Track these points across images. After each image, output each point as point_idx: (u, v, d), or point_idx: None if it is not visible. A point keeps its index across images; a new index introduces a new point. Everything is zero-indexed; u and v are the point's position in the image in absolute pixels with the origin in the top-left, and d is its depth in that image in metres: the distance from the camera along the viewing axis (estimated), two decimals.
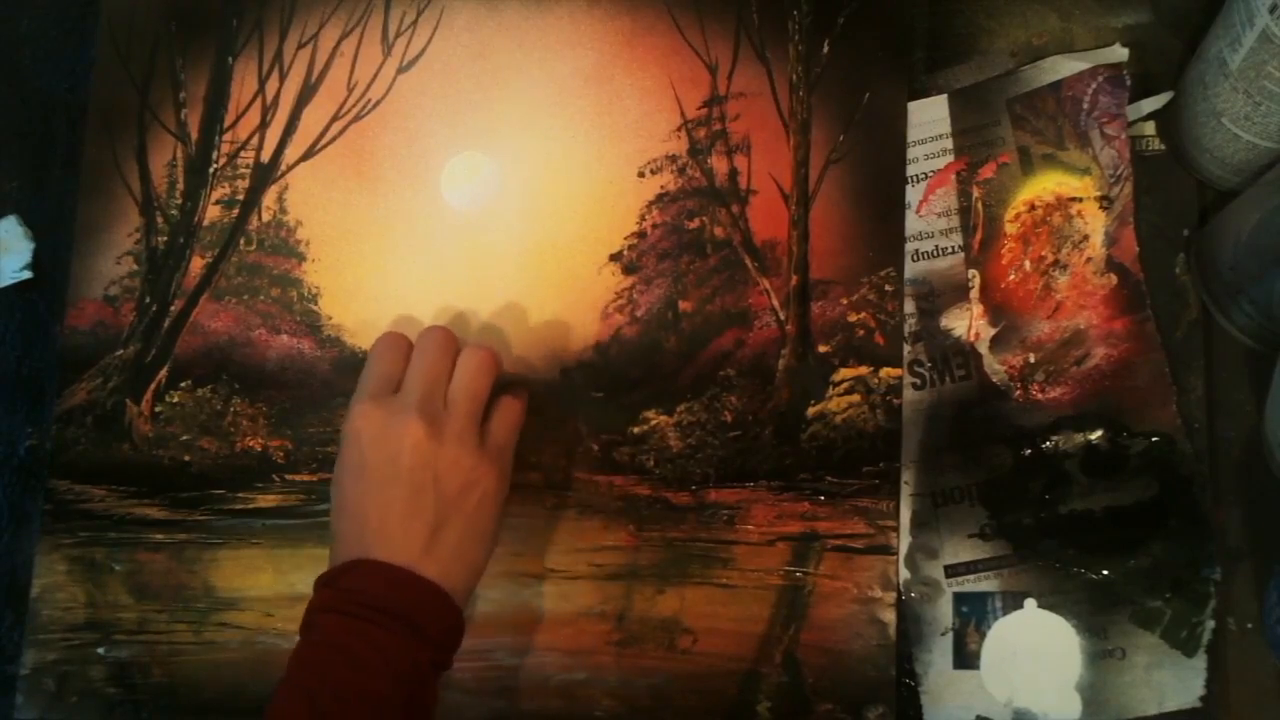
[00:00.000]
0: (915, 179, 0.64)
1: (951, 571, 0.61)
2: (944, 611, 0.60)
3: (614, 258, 0.65)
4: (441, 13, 0.67)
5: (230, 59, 0.68)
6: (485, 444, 0.56)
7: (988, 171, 0.63)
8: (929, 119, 0.64)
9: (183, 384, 0.66)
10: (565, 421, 0.64)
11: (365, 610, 0.51)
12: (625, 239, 0.65)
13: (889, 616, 0.60)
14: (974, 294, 0.63)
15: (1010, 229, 0.63)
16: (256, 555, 0.64)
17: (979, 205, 0.63)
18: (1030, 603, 0.60)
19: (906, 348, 0.63)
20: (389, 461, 0.54)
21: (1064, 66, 0.63)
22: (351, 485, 0.55)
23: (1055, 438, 0.61)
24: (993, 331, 0.62)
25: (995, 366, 0.62)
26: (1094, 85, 0.63)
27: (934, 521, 0.61)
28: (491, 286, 0.65)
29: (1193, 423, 0.60)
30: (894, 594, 0.60)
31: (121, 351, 0.66)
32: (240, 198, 0.67)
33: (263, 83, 0.68)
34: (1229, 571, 0.59)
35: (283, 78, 0.68)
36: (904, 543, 0.61)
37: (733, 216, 0.65)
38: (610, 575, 0.62)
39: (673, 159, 0.65)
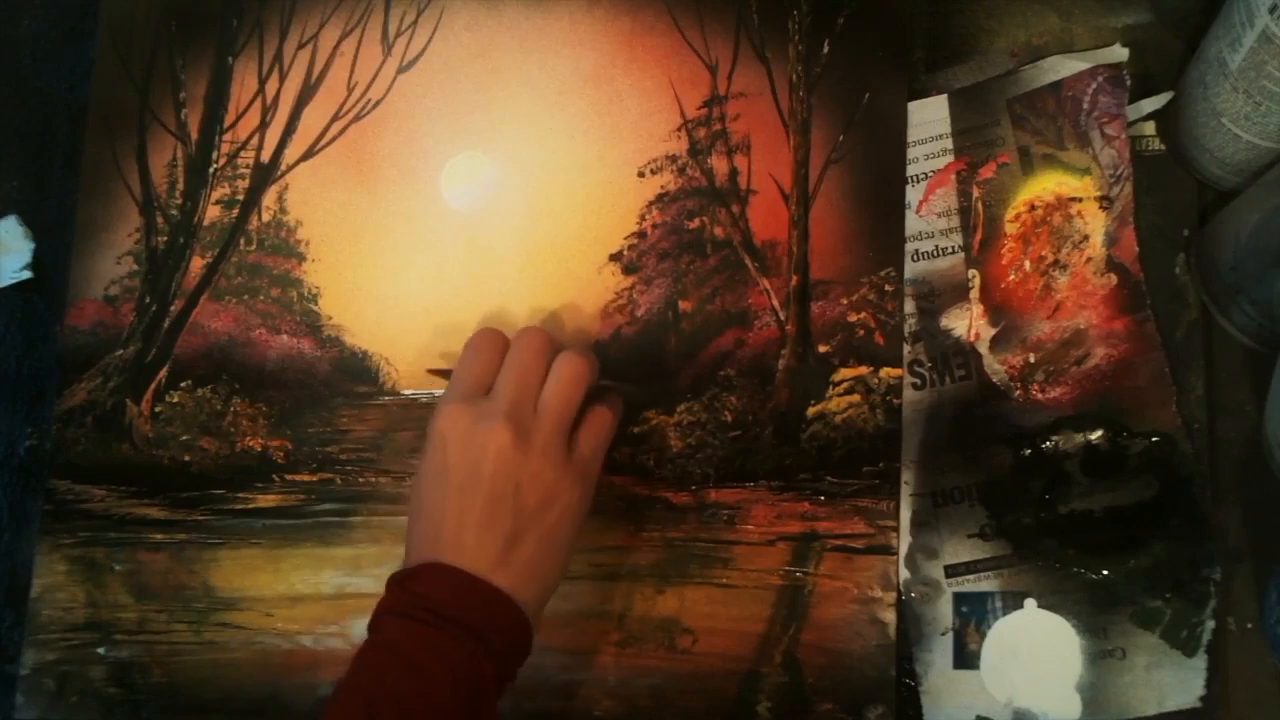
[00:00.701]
0: (915, 179, 0.64)
1: (951, 571, 0.61)
2: (944, 611, 0.60)
3: (614, 258, 0.65)
4: (441, 13, 0.67)
5: (230, 59, 0.68)
6: (572, 456, 0.55)
7: (988, 171, 0.63)
8: (929, 119, 0.64)
9: (183, 384, 0.66)
10: None
11: (432, 616, 0.50)
12: (625, 239, 0.65)
13: (889, 616, 0.60)
14: (974, 294, 0.63)
15: (1010, 229, 0.63)
16: (256, 555, 0.64)
17: (979, 205, 0.63)
18: (1030, 603, 0.60)
19: (906, 348, 0.63)
20: (472, 467, 0.53)
21: (1064, 66, 0.63)
22: (431, 487, 0.54)
23: (1055, 438, 0.61)
24: (993, 331, 0.62)
25: (995, 366, 0.62)
26: (1094, 85, 0.63)
27: (934, 521, 0.61)
28: (491, 286, 0.65)
29: (1193, 423, 0.60)
30: (894, 594, 0.60)
31: (121, 351, 0.66)
32: (240, 198, 0.67)
33: (263, 83, 0.68)
34: (1229, 571, 0.59)
35: (283, 78, 0.68)
36: (904, 543, 0.61)
37: (733, 216, 0.65)
38: (610, 575, 0.62)
39: (673, 159, 0.65)
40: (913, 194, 0.64)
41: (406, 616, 0.51)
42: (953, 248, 0.63)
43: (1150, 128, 0.63)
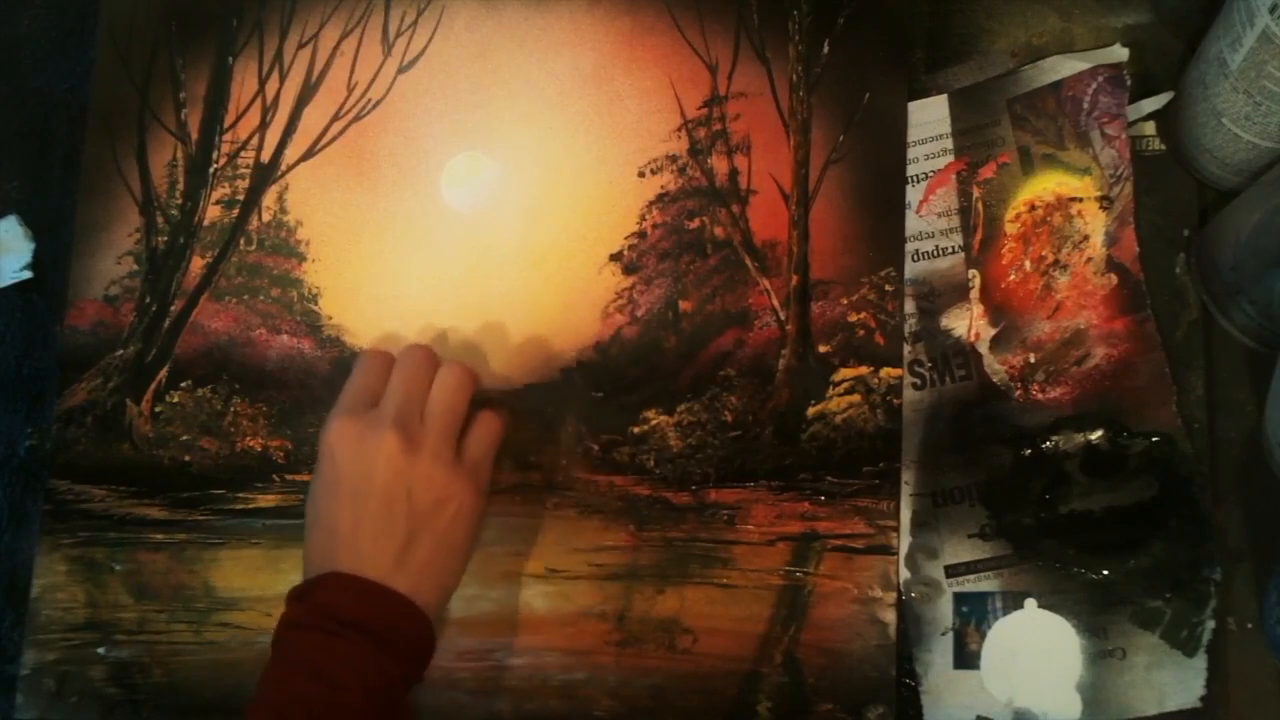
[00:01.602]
0: (915, 179, 0.64)
1: (951, 571, 0.61)
2: (944, 611, 0.60)
3: (614, 258, 0.65)
4: (441, 13, 0.67)
5: (230, 59, 0.68)
6: (461, 460, 0.56)
7: (988, 171, 0.63)
8: (929, 119, 0.64)
9: (183, 384, 0.66)
10: (565, 421, 0.64)
11: (334, 625, 0.51)
12: (625, 239, 0.65)
13: (889, 616, 0.60)
14: (974, 294, 0.63)
15: (1010, 229, 0.63)
16: (256, 555, 0.64)
17: (979, 205, 0.63)
18: (1030, 603, 0.60)
19: (906, 348, 0.63)
20: (362, 475, 0.54)
21: (1064, 66, 0.63)
22: (324, 498, 0.55)
23: (1055, 438, 0.61)
24: (993, 331, 0.62)
25: (995, 366, 0.62)
26: (1094, 85, 0.63)
27: (934, 521, 0.61)
28: (491, 286, 0.65)
29: (1193, 423, 0.60)
30: (894, 594, 0.60)
31: (121, 351, 0.66)
32: (240, 198, 0.67)
33: (263, 83, 0.68)
34: (1229, 571, 0.59)
35: (283, 78, 0.68)
36: (904, 543, 0.61)
37: (733, 216, 0.65)
38: (610, 575, 0.62)
39: (673, 159, 0.65)
40: (913, 194, 0.64)
41: (309, 628, 0.52)
42: (953, 248, 0.63)
43: (1150, 128, 0.63)
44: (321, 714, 0.50)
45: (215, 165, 0.68)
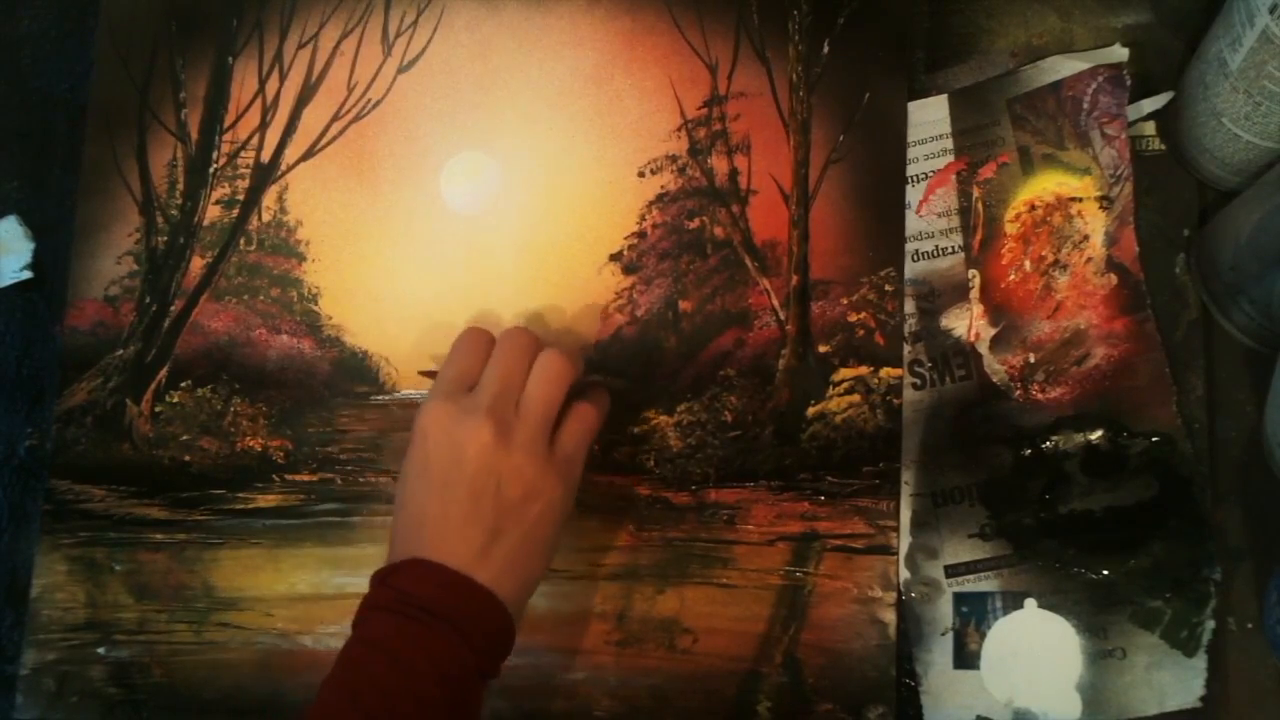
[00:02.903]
0: (915, 179, 0.64)
1: (951, 571, 0.61)
2: (944, 611, 0.60)
3: (614, 258, 0.65)
4: (441, 13, 0.67)
5: (230, 59, 0.68)
6: (554, 453, 0.55)
7: (988, 171, 0.63)
8: (929, 119, 0.64)
9: (183, 384, 0.66)
10: None
11: (414, 610, 0.51)
12: (625, 239, 0.65)
13: (889, 616, 0.60)
14: (974, 294, 0.63)
15: (1010, 229, 0.63)
16: (256, 555, 0.64)
17: (979, 205, 0.63)
18: (1030, 603, 0.60)
19: (906, 348, 0.63)
20: (453, 464, 0.53)
21: (1064, 66, 0.63)
22: (414, 483, 0.54)
23: (1055, 438, 0.61)
24: (993, 331, 0.62)
25: (995, 366, 0.62)
26: (1094, 85, 0.63)
27: (934, 521, 0.61)
28: (491, 286, 0.65)
29: (1193, 423, 0.60)
30: (894, 594, 0.60)
31: (121, 351, 0.66)
32: (240, 198, 0.67)
33: (263, 83, 0.68)
34: (1229, 571, 0.59)
35: (283, 78, 0.68)
36: (904, 543, 0.61)
37: (733, 216, 0.65)
38: (610, 575, 0.62)
39: (673, 159, 0.65)
40: (913, 194, 0.64)
41: (390, 611, 0.51)
42: (953, 248, 0.63)
43: (1150, 128, 0.63)
44: (394, 697, 0.49)
45: (215, 165, 0.68)
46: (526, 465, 0.54)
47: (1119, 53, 0.63)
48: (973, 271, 0.63)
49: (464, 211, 0.66)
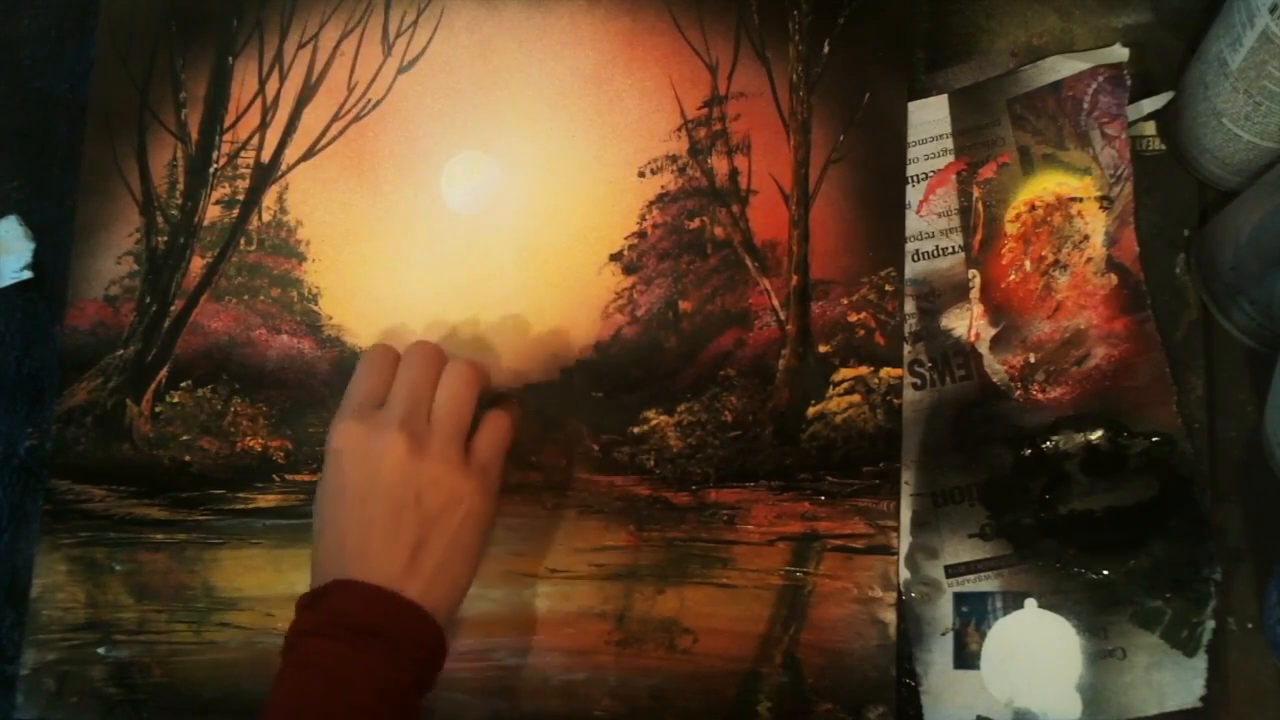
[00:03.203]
0: (915, 179, 0.64)
1: (952, 571, 0.61)
2: (944, 611, 0.60)
3: (614, 258, 0.65)
4: (442, 13, 0.67)
5: (230, 59, 0.68)
6: (470, 461, 0.55)
7: (988, 171, 0.63)
8: (929, 119, 0.64)
9: (183, 384, 0.66)
10: (565, 421, 0.64)
11: (345, 632, 0.51)
12: (625, 239, 0.65)
13: (889, 616, 0.60)
14: (974, 294, 0.63)
15: (1010, 229, 0.63)
16: (256, 555, 0.64)
17: (979, 205, 0.63)
18: (1030, 603, 0.60)
19: (907, 348, 0.63)
20: (369, 479, 0.53)
21: (1064, 66, 0.63)
22: (331, 504, 0.54)
23: (1055, 438, 0.61)
24: (993, 331, 0.62)
25: (995, 366, 0.62)
26: (1094, 85, 0.63)
27: (934, 521, 0.61)
28: (491, 286, 0.65)
29: (1193, 423, 0.60)
30: (894, 594, 0.60)
31: (121, 351, 0.66)
32: (240, 198, 0.67)
33: (263, 83, 0.68)
34: (1229, 571, 0.59)
35: (283, 78, 0.68)
36: (904, 543, 0.61)
37: (733, 216, 0.65)
38: (610, 575, 0.62)
39: (673, 159, 0.65)
40: (913, 194, 0.64)
41: (320, 635, 0.51)
42: (953, 248, 0.63)
43: (1150, 128, 0.63)
44: (337, 718, 0.50)
45: (215, 165, 0.68)
46: (444, 474, 0.54)
47: (1119, 53, 0.63)
48: (973, 271, 0.63)
49: (464, 211, 0.66)
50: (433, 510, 0.53)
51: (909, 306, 0.63)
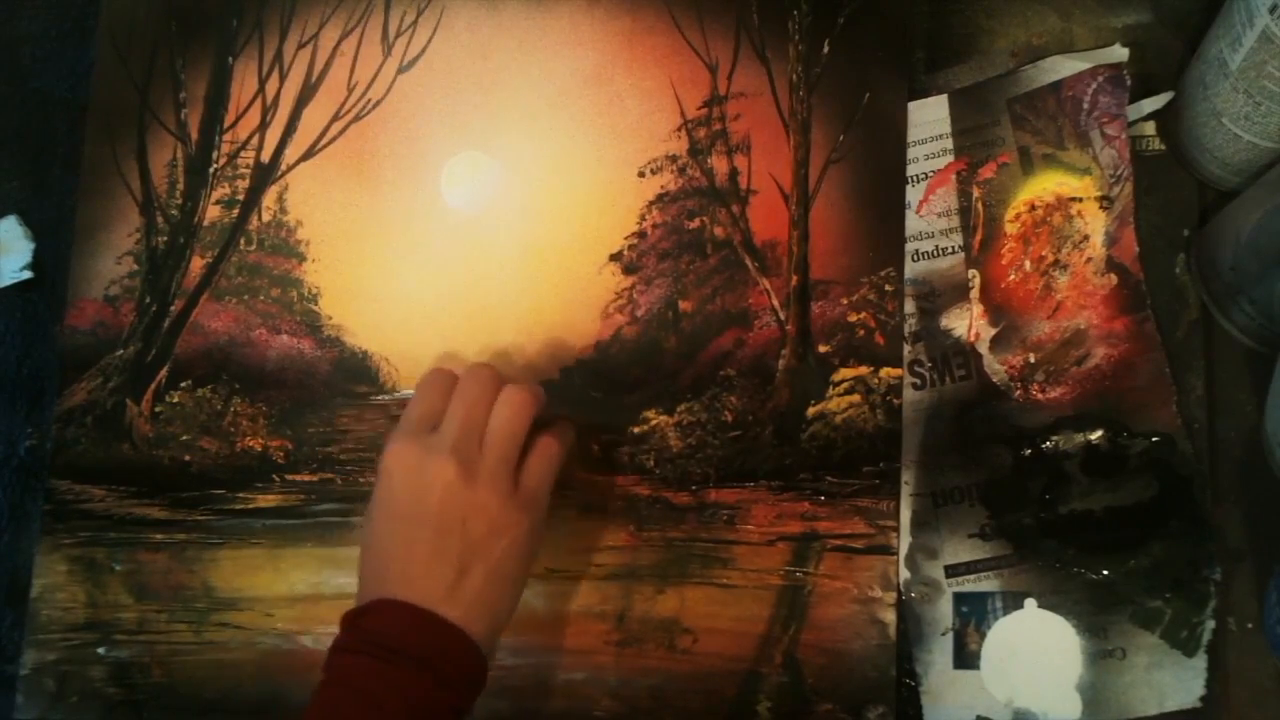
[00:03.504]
0: (915, 179, 0.64)
1: (951, 571, 0.61)
2: (944, 611, 0.60)
3: (614, 258, 0.65)
4: (441, 13, 0.67)
5: (230, 59, 0.68)
6: (518, 488, 0.55)
7: (988, 171, 0.63)
8: (929, 119, 0.64)
9: (183, 384, 0.66)
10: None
11: (385, 652, 0.51)
12: (625, 239, 0.65)
13: (889, 616, 0.60)
14: (974, 294, 0.63)
15: (1010, 229, 0.63)
16: (256, 555, 0.64)
17: (979, 205, 0.63)
18: (1030, 603, 0.60)
19: (906, 348, 0.63)
20: (418, 502, 0.53)
21: (1064, 66, 0.63)
22: (379, 523, 0.54)
23: (1055, 438, 0.61)
24: (993, 331, 0.62)
25: (995, 366, 0.62)
26: (1094, 85, 0.63)
27: (934, 521, 0.61)
28: (491, 286, 0.65)
29: (1193, 423, 0.60)
30: (894, 594, 0.60)
31: (121, 351, 0.66)
32: (240, 198, 0.67)
33: (263, 83, 0.68)
34: (1229, 571, 0.59)
35: (283, 78, 0.68)
36: (904, 543, 0.61)
37: (733, 216, 0.65)
38: (610, 575, 0.62)
39: (673, 159, 0.65)
40: (913, 194, 0.64)
41: (359, 653, 0.51)
42: (953, 248, 0.63)
43: (1150, 128, 0.63)
44: None
45: (215, 165, 0.68)
46: (491, 501, 0.54)
47: (1119, 53, 0.63)
48: (973, 271, 0.63)
49: (464, 211, 0.66)
50: (478, 537, 0.53)
51: (909, 306, 0.63)
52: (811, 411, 0.63)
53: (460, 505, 0.53)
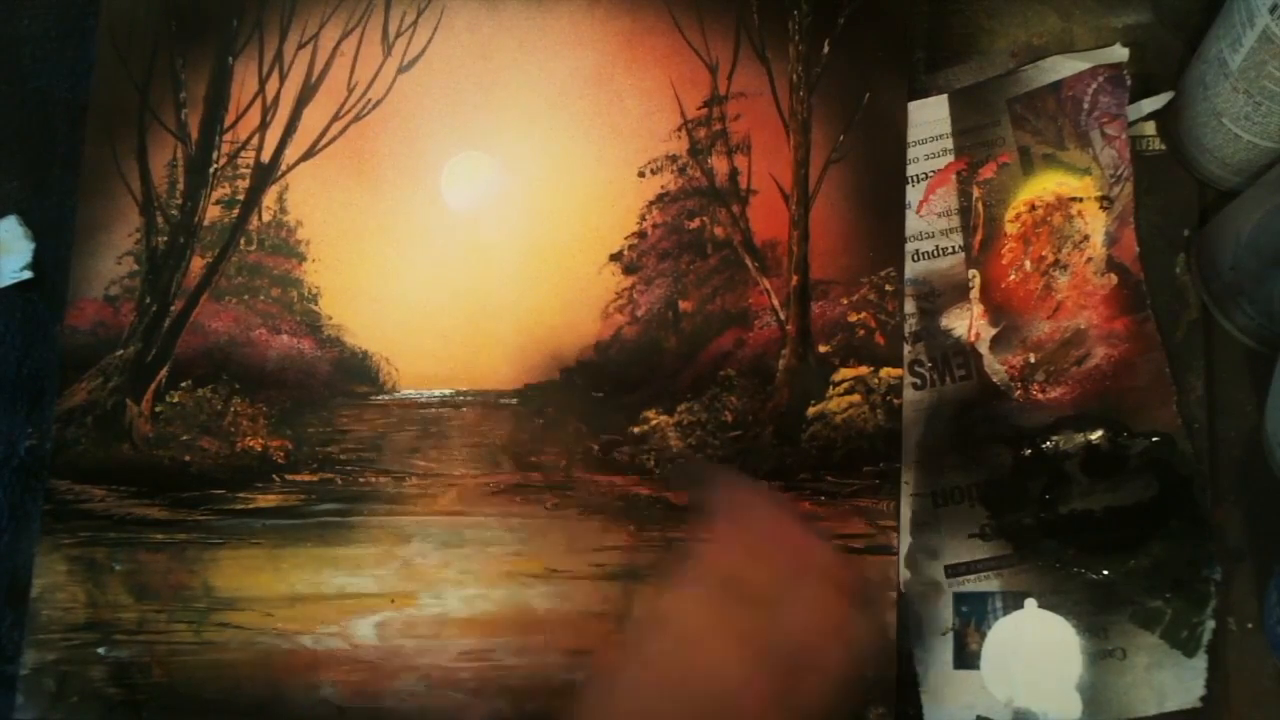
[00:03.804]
0: (915, 179, 0.64)
1: (952, 571, 0.61)
2: (944, 611, 0.60)
3: (614, 258, 0.65)
4: (442, 13, 0.67)
5: (230, 59, 0.68)
6: None
7: (988, 171, 0.63)
8: (929, 119, 0.64)
9: (183, 384, 0.66)
10: (565, 421, 0.64)
11: None
12: (625, 239, 0.65)
13: (889, 617, 0.60)
14: (974, 294, 0.63)
15: (1010, 229, 0.63)
16: (256, 555, 0.64)
17: (979, 205, 0.63)
18: (1030, 603, 0.60)
19: (907, 348, 0.63)
20: None
21: (1064, 66, 0.63)
22: None
23: (1055, 438, 0.61)
24: (993, 331, 0.62)
25: (995, 366, 0.62)
26: (1094, 85, 0.63)
27: (934, 521, 0.61)
28: (491, 286, 0.65)
29: (1193, 423, 0.60)
30: (894, 594, 0.60)
31: (121, 351, 0.66)
32: (240, 198, 0.67)
33: (263, 83, 0.68)
34: (1229, 571, 0.59)
35: (283, 78, 0.68)
36: (904, 543, 0.61)
37: (733, 216, 0.65)
38: (610, 575, 0.62)
39: (673, 159, 0.65)
40: (913, 194, 0.64)
41: None
42: (953, 248, 0.63)
43: (1150, 128, 0.63)
44: None
45: (215, 165, 0.68)
46: None
47: (1119, 53, 0.63)
48: (973, 271, 0.63)
49: (464, 211, 0.66)
50: None
51: (909, 306, 0.63)
52: (811, 411, 0.63)
53: None
